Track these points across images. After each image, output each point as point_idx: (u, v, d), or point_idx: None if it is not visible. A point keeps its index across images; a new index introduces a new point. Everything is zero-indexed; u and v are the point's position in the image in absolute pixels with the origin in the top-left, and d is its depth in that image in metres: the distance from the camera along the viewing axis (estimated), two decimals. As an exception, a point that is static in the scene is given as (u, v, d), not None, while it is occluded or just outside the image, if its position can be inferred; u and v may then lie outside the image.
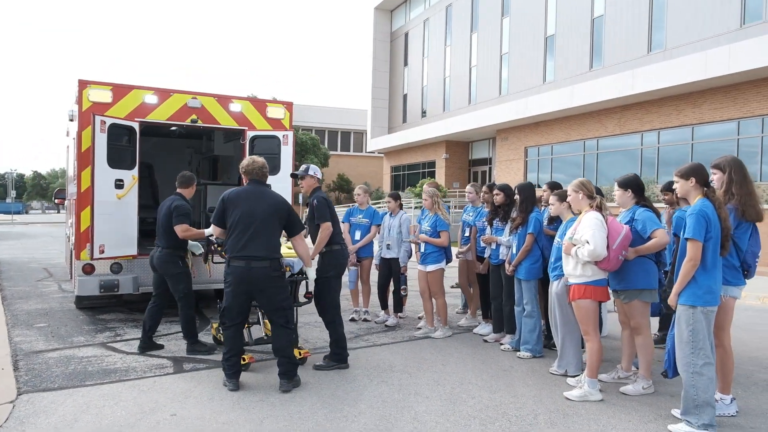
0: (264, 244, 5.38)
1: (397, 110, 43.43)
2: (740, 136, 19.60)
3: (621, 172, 24.31)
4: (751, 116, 19.09)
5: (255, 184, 5.65)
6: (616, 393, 5.41)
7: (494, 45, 32.69)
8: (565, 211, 6.03)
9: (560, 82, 27.25)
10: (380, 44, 44.16)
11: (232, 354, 5.45)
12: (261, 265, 5.34)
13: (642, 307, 5.42)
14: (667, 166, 22.26)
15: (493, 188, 7.74)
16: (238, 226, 5.41)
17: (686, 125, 21.31)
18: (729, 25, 20.00)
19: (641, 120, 23.06)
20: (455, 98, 36.38)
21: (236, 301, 5.44)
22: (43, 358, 6.41)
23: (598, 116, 25.00)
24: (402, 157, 41.23)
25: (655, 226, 5.28)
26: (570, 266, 5.32)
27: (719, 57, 18.57)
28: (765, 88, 18.53)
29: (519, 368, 6.25)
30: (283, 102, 9.04)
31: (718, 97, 19.98)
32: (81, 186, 7.72)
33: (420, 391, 5.41)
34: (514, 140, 30.21)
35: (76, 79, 7.80)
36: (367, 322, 8.50)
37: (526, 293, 6.73)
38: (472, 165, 36.38)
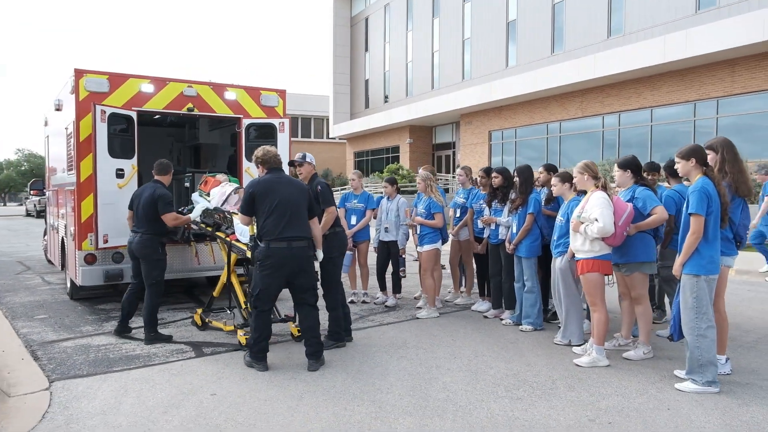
0: (302, 225, 5.73)
1: (359, 96, 43.49)
2: (696, 118, 20.50)
3: (583, 154, 25.09)
4: (707, 98, 19.98)
5: (276, 172, 5.92)
6: (620, 359, 5.84)
7: (456, 30, 33.06)
8: (567, 192, 6.41)
9: (523, 67, 27.81)
10: (340, 29, 44.04)
11: (263, 338, 5.64)
12: (301, 245, 5.65)
13: (642, 278, 5.86)
14: (627, 147, 23.08)
15: (490, 172, 8.12)
16: (276, 211, 5.61)
17: (645, 108, 22.14)
18: (685, 10, 20.80)
19: (602, 103, 23.81)
20: (418, 83, 36.67)
21: (275, 283, 5.65)
22: (59, 347, 6.49)
23: (560, 100, 25.68)
24: (365, 142, 41.40)
25: (655, 203, 5.70)
26: (578, 242, 5.70)
27: (676, 41, 19.35)
28: (719, 71, 19.40)
29: (525, 340, 6.64)
30: (276, 90, 9.17)
31: (676, 80, 20.82)
32: (81, 176, 7.74)
33: (440, 364, 5.74)
34: (478, 124, 30.73)
35: (72, 69, 7.78)
36: (366, 304, 8.78)
37: (526, 270, 7.12)
38: (436, 149, 36.82)
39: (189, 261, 8.45)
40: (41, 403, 4.82)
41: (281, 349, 6.30)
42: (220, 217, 7.35)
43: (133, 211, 6.94)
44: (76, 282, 8.09)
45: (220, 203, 7.81)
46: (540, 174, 7.55)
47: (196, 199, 8.31)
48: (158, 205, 6.76)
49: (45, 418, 4.48)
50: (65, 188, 8.78)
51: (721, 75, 19.35)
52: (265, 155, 5.94)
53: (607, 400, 4.76)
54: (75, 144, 7.76)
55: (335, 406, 4.65)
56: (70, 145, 8.20)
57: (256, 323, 5.66)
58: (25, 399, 4.93)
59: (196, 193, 8.51)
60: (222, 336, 6.87)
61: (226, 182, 8.33)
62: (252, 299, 5.74)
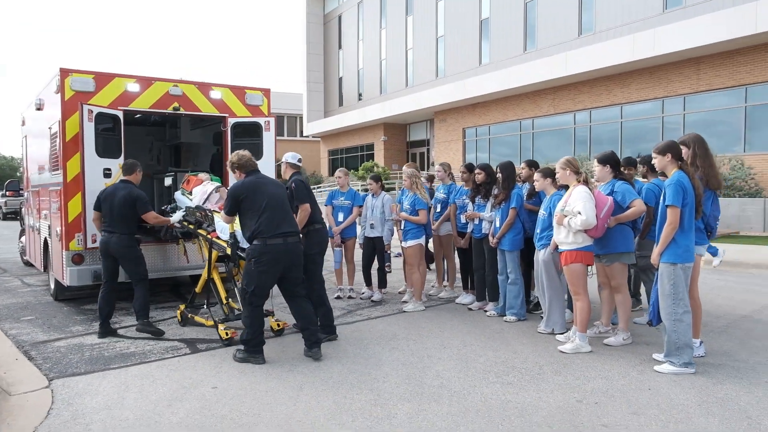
0: (292, 221, 6.01)
1: (333, 94, 43.58)
2: (665, 114, 21.11)
3: (556, 150, 25.67)
4: (674, 95, 20.60)
5: (255, 174, 6.16)
6: (601, 345, 6.13)
7: (430, 28, 33.39)
8: (549, 186, 6.67)
9: (496, 65, 28.23)
10: (313, 27, 44.08)
11: (260, 332, 5.83)
12: (294, 240, 5.91)
13: (622, 268, 6.16)
14: (598, 143, 23.66)
15: (471, 168, 8.38)
16: (267, 210, 5.80)
17: (616, 104, 22.71)
18: (653, 9, 21.37)
19: (574, 100, 24.34)
20: (392, 81, 36.93)
21: (270, 280, 5.86)
22: (52, 347, 6.55)
23: (533, 97, 26.15)
24: (339, 140, 41.53)
25: (633, 197, 6.00)
26: (562, 235, 5.97)
27: (645, 40, 19.92)
28: (686, 69, 20.02)
29: (509, 330, 6.90)
30: (261, 89, 9.28)
31: (645, 77, 21.41)
32: (67, 175, 7.77)
33: (431, 354, 5.95)
34: (452, 122, 31.10)
35: (57, 68, 7.81)
36: (352, 299, 8.96)
37: (510, 263, 7.38)
38: (411, 147, 37.14)
39: (177, 259, 8.54)
40: (44, 400, 4.91)
41: (275, 344, 6.44)
42: (202, 215, 7.52)
43: (104, 212, 7.03)
44: (63, 282, 8.10)
45: (202, 201, 7.97)
46: (522, 170, 7.81)
47: (179, 198, 8.47)
48: (137, 206, 6.97)
49: (51, 414, 4.57)
50: (49, 188, 8.77)
51: (687, 73, 19.97)
52: (241, 159, 6.15)
53: (592, 383, 5.03)
54: (61, 144, 7.78)
55: (335, 395, 4.83)
56: (55, 145, 8.21)
57: (251, 318, 5.80)
58: (27, 397, 5.01)
59: (178, 192, 8.64)
60: (214, 332, 6.98)
61: (208, 181, 8.49)
62: (247, 296, 5.84)
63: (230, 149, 8.81)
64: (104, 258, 7.04)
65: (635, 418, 4.28)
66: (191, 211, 7.80)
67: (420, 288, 8.26)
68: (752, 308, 7.89)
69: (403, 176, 8.50)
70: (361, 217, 8.97)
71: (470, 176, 8.47)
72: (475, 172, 8.05)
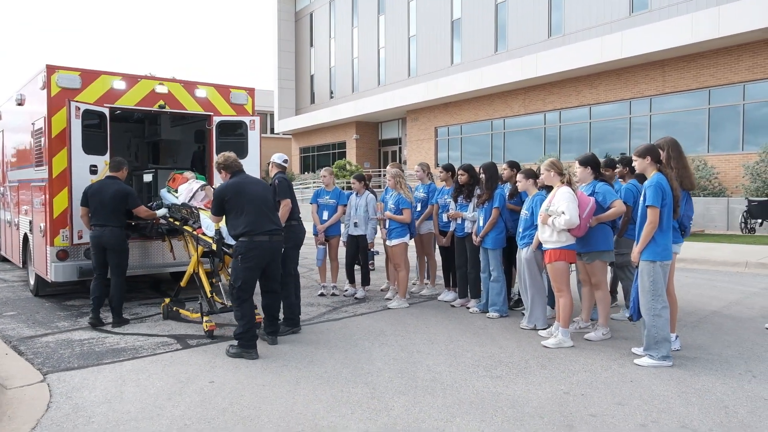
0: (276, 218, 6.31)
1: (304, 91, 43.47)
2: (632, 115, 21.67)
3: (527, 149, 26.04)
4: (641, 96, 21.16)
5: (240, 174, 6.37)
6: (582, 340, 6.37)
7: (402, 27, 33.57)
8: (531, 187, 6.89)
9: (467, 65, 28.56)
10: (285, 24, 43.87)
11: (252, 325, 5.97)
12: (279, 238, 6.23)
13: (602, 266, 6.42)
14: (568, 143, 24.16)
15: (449, 169, 8.63)
16: (251, 208, 6.04)
17: (584, 105, 23.22)
18: (620, 12, 21.90)
19: (544, 101, 24.80)
20: (364, 79, 37.01)
21: (255, 275, 6.12)
22: (40, 342, 6.54)
23: (504, 97, 26.54)
24: (311, 138, 41.46)
25: (614, 197, 6.26)
26: (546, 234, 6.19)
27: (613, 42, 20.42)
28: (652, 71, 20.59)
29: (493, 326, 7.11)
30: (245, 88, 9.33)
31: (612, 79, 21.95)
32: (53, 171, 7.74)
33: (420, 350, 6.12)
34: (424, 120, 31.34)
35: (44, 64, 7.76)
36: (335, 296, 9.08)
37: (492, 261, 7.58)
38: (382, 145, 37.29)
39: (162, 256, 8.58)
40: (42, 393, 4.94)
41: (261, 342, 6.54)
42: (188, 212, 7.66)
43: (93, 207, 7.19)
44: (47, 278, 8.06)
45: (188, 199, 8.03)
46: (504, 170, 8.01)
47: (165, 196, 8.51)
48: (129, 200, 7.29)
49: (51, 408, 4.61)
50: (31, 184, 8.69)
51: (653, 75, 20.54)
52: (227, 161, 6.39)
53: (576, 375, 5.25)
54: (46, 140, 7.74)
55: (332, 388, 4.96)
56: (39, 141, 8.15)
57: (242, 312, 5.96)
58: (25, 391, 5.03)
59: (164, 190, 8.68)
60: (202, 329, 7.04)
61: (194, 179, 8.55)
62: (235, 291, 6.02)
63: (215, 147, 8.86)
64: (96, 251, 7.18)
65: (620, 408, 4.50)
66: (177, 208, 7.92)
67: (404, 286, 8.42)
68: (720, 304, 8.25)
69: (387, 176, 8.64)
70: (345, 216, 9.08)
71: (447, 176, 8.68)
72: (457, 172, 8.24)
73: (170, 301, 7.73)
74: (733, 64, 18.31)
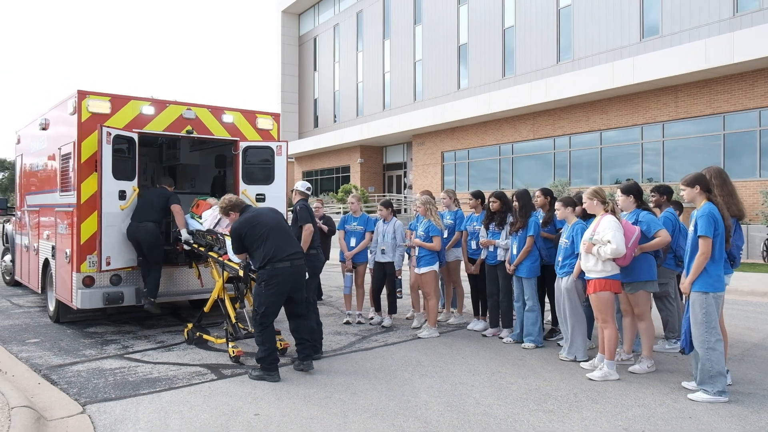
0: (296, 243, 6.48)
1: (308, 115, 43.72)
2: (644, 141, 21.76)
3: (536, 175, 26.08)
4: (653, 122, 21.27)
5: (249, 208, 6.73)
6: (626, 372, 6.29)
7: (407, 52, 33.89)
8: (570, 215, 6.87)
9: (474, 89, 28.77)
10: (288, 48, 44.29)
11: (273, 349, 6.19)
12: (301, 262, 6.36)
13: (645, 296, 6.37)
14: (578, 168, 24.25)
15: (479, 196, 8.65)
16: (270, 236, 6.21)
17: (595, 130, 23.33)
18: (631, 38, 22.13)
19: (553, 126, 24.92)
20: (369, 103, 37.25)
21: (279, 301, 6.26)
22: (71, 371, 6.45)
23: (512, 122, 26.68)
24: (314, 162, 41.57)
25: (659, 227, 6.23)
26: (590, 263, 6.15)
27: (624, 67, 20.58)
28: (664, 96, 20.72)
29: (531, 357, 7.03)
30: (271, 113, 9.35)
31: (623, 104, 22.08)
32: (81, 196, 7.71)
33: (463, 381, 6.04)
34: (431, 145, 31.46)
35: (75, 89, 7.77)
36: (361, 324, 8.99)
37: (527, 290, 7.54)
38: (387, 169, 37.38)
39: (187, 283, 8.60)
40: (84, 426, 4.85)
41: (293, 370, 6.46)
42: (213, 238, 7.72)
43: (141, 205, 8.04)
44: (72, 305, 7.97)
45: (212, 225, 8.04)
46: (537, 197, 8.01)
47: (188, 222, 8.50)
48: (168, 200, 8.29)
49: (97, 443, 4.52)
50: (56, 209, 8.64)
51: (665, 100, 20.67)
52: (230, 202, 6.80)
53: (631, 411, 5.18)
54: (76, 165, 7.71)
55: (383, 422, 4.88)
56: (67, 166, 8.12)
57: (263, 337, 6.15)
58: (67, 423, 4.92)
59: (187, 215, 8.67)
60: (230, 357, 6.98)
61: (217, 206, 8.54)
62: (258, 317, 6.20)
63: (241, 173, 8.86)
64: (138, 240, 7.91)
65: (684, 444, 4.43)
66: (201, 234, 7.95)
67: (434, 314, 8.34)
68: (760, 336, 8.17)
69: (418, 203, 8.62)
70: (372, 243, 9.04)
71: (477, 203, 8.67)
72: (488, 199, 8.23)
73: (193, 326, 7.74)
74: (748, 90, 18.43)
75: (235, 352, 6.71)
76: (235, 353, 6.71)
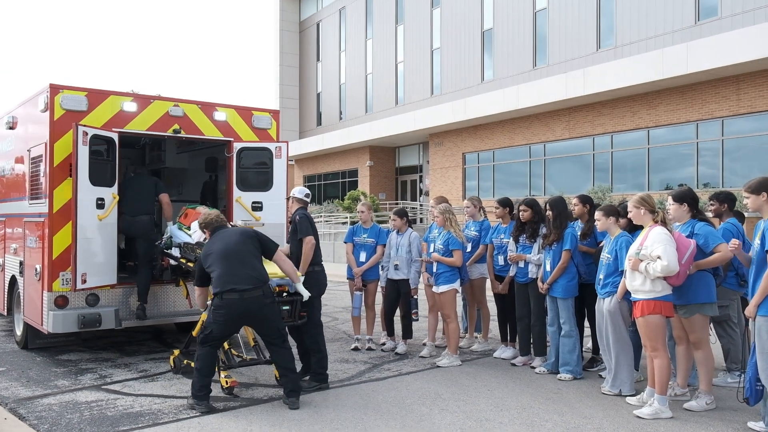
0: (251, 274, 6.42)
1: (309, 111, 43.96)
2: (699, 139, 21.64)
3: (571, 179, 25.90)
4: (710, 118, 21.12)
5: (220, 230, 6.85)
6: (680, 409, 6.24)
7: (424, 39, 34.00)
8: (613, 227, 6.87)
9: (501, 82, 28.79)
10: (288, 35, 44.62)
11: (205, 374, 6.32)
12: (253, 294, 6.34)
13: (703, 321, 6.33)
14: (621, 172, 24.15)
15: (507, 204, 8.64)
16: (219, 264, 6.38)
17: (641, 128, 23.23)
18: (683, 21, 22.02)
19: (592, 123, 24.86)
20: (380, 98, 37.39)
21: (225, 331, 6.47)
22: (41, 405, 6.51)
23: (544, 119, 26.65)
24: (317, 165, 41.73)
25: (718, 241, 6.20)
26: (637, 282, 6.14)
27: (676, 55, 20.44)
28: (724, 88, 20.58)
29: (568, 390, 7.01)
30: (269, 110, 9.43)
31: (675, 97, 21.95)
32: (54, 205, 7.79)
33: (489, 417, 6.04)
34: (450, 145, 31.48)
35: (47, 83, 7.87)
36: (372, 351, 8.99)
37: (563, 312, 7.52)
38: (400, 173, 37.46)
39: (174, 304, 8.67)
40: (56, 470, 4.88)
41: (301, 402, 6.48)
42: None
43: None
44: (42, 329, 8.04)
45: (203, 237, 8.06)
46: (575, 206, 8.00)
47: (176, 233, 8.58)
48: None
49: (72, 487, 4.55)
50: (23, 219, 8.74)
51: (725, 93, 20.52)
52: (206, 219, 6.99)
53: (685, 452, 5.15)
54: (48, 169, 7.80)
55: (398, 465, 4.89)
56: (37, 170, 8.22)
57: (200, 353, 6.36)
58: (36, 466, 4.97)
59: (174, 226, 8.76)
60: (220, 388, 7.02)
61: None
62: (201, 334, 6.53)
63: (235, 178, 8.92)
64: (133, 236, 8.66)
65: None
66: (191, 248, 7.98)
67: (456, 339, 8.35)
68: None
69: (435, 212, 8.63)
70: (384, 257, 9.06)
71: (505, 212, 8.67)
72: (518, 208, 8.23)
73: (180, 352, 7.79)
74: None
75: (229, 383, 6.72)
76: (228, 384, 6.72)
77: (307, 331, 7.25)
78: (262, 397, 6.76)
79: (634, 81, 21.82)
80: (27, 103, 8.74)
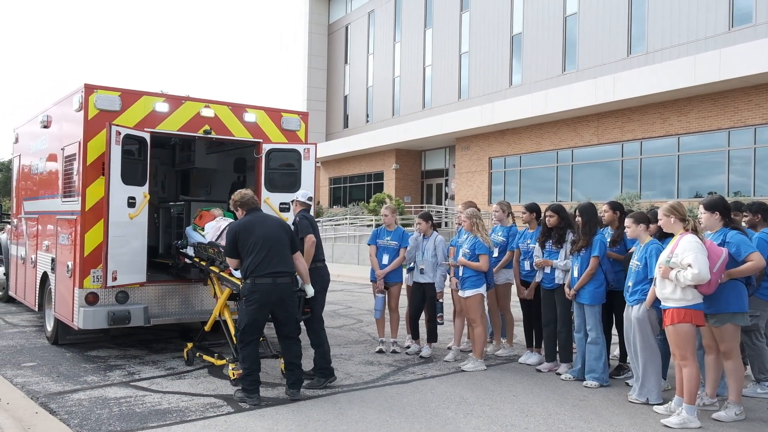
0: (285, 261, 6.75)
1: (336, 114, 44.11)
2: (731, 147, 21.36)
3: (599, 186, 25.64)
4: (743, 126, 20.84)
5: (255, 212, 7.04)
6: (708, 419, 6.19)
7: (452, 43, 33.97)
8: (643, 234, 6.82)
9: (529, 86, 28.67)
10: (316, 38, 44.83)
11: (254, 370, 6.54)
12: (285, 280, 6.69)
13: (734, 330, 6.26)
14: (650, 179, 23.92)
15: (534, 209, 8.64)
16: (258, 249, 6.61)
17: (672, 135, 22.99)
18: (717, 27, 21.78)
19: (622, 129, 24.66)
20: (407, 101, 37.41)
21: (260, 318, 6.67)
22: (71, 400, 6.62)
23: (573, 124, 26.48)
24: (343, 167, 41.85)
25: (751, 249, 6.15)
26: (667, 290, 6.09)
27: (709, 61, 20.21)
28: (757, 96, 20.31)
29: (594, 398, 6.97)
30: (298, 112, 9.52)
31: (707, 104, 21.69)
32: (86, 203, 7.93)
33: (515, 423, 6.03)
34: (477, 149, 31.39)
35: (82, 83, 8.01)
36: (396, 354, 9.02)
37: (590, 318, 7.49)
38: (426, 177, 37.43)
39: (201, 302, 8.84)
40: (86, 463, 4.97)
41: (327, 402, 6.52)
42: (215, 251, 8.01)
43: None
44: (73, 325, 8.18)
45: (215, 238, 8.27)
46: (605, 212, 7.97)
47: (190, 234, 8.88)
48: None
49: (101, 481, 4.63)
50: (56, 216, 8.90)
51: (759, 100, 20.24)
52: (243, 198, 7.09)
53: (714, 463, 5.11)
54: (81, 167, 7.94)
55: (423, 468, 4.90)
56: (70, 168, 8.36)
57: (244, 355, 6.60)
58: (67, 459, 5.06)
59: (189, 227, 9.06)
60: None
61: (221, 217, 8.87)
62: (238, 333, 6.74)
63: (263, 179, 9.01)
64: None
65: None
66: (203, 248, 8.26)
67: (481, 344, 8.34)
68: None
69: (462, 216, 8.64)
70: (407, 260, 9.09)
71: (531, 217, 8.67)
72: (545, 213, 8.22)
73: (193, 345, 8.17)
74: None
75: (236, 374, 6.93)
76: (235, 375, 6.94)
77: (311, 326, 7.50)
78: (287, 396, 6.79)
79: (665, 87, 21.60)
80: (61, 103, 8.91)
